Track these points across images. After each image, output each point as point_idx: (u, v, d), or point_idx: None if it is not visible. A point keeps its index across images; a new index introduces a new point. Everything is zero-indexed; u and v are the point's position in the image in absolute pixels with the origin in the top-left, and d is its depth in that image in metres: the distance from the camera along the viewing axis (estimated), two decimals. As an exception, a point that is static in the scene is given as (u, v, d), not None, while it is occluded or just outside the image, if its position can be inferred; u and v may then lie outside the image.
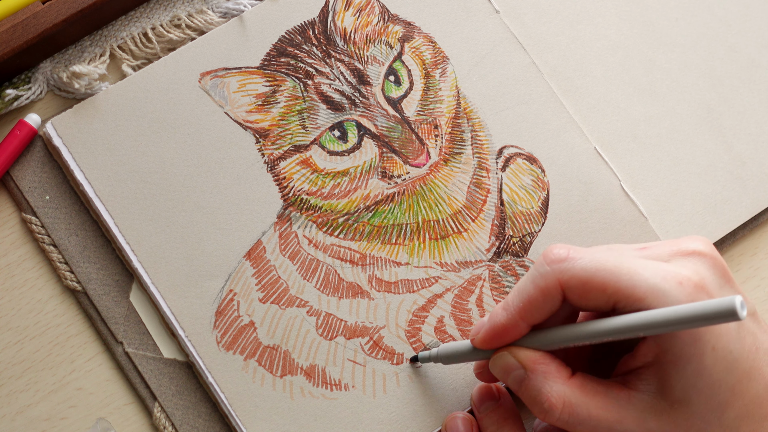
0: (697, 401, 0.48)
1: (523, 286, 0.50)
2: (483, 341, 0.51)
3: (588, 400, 0.48)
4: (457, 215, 0.59)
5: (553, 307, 0.50)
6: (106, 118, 0.59)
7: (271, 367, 0.56)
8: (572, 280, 0.49)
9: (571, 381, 0.49)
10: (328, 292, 0.57)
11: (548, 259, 0.50)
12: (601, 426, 0.48)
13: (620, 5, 0.64)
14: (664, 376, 0.48)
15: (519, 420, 0.54)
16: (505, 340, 0.51)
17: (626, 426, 0.48)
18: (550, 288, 0.49)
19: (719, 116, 0.63)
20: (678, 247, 0.50)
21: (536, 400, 0.49)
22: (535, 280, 0.50)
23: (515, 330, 0.50)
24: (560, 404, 0.48)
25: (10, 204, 0.59)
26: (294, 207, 0.58)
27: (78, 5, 0.57)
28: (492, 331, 0.51)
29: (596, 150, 0.61)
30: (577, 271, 0.49)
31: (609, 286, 0.48)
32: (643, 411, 0.48)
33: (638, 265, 0.48)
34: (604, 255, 0.49)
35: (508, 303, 0.51)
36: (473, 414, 0.56)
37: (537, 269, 0.50)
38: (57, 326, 0.57)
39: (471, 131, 0.60)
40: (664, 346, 0.48)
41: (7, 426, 0.55)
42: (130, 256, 0.57)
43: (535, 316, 0.50)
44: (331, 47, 0.60)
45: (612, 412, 0.48)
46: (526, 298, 0.50)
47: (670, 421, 0.48)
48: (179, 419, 0.56)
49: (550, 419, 0.49)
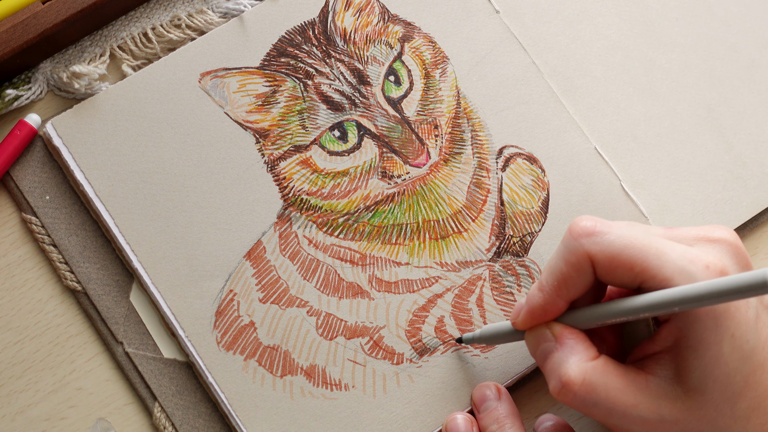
0: (712, 389, 0.48)
1: (554, 264, 0.50)
2: (524, 322, 0.52)
3: (607, 381, 0.48)
4: (457, 215, 0.59)
5: (587, 280, 0.50)
6: (106, 118, 0.59)
7: (271, 367, 0.56)
8: (600, 255, 0.49)
9: (595, 361, 0.49)
10: (328, 292, 0.57)
11: (575, 233, 0.50)
12: (617, 409, 0.48)
13: (620, 5, 0.64)
14: (682, 362, 0.48)
15: (519, 419, 0.54)
16: (545, 319, 0.51)
17: (641, 411, 0.48)
18: (581, 262, 0.49)
19: (719, 116, 0.63)
20: (704, 233, 0.51)
21: (557, 373, 0.49)
22: (565, 256, 0.50)
23: (554, 308, 0.51)
24: (579, 380, 0.48)
25: (10, 204, 0.59)
26: (294, 207, 0.58)
27: (78, 5, 0.57)
28: (531, 313, 0.51)
29: (596, 150, 0.61)
30: (605, 245, 0.49)
31: (636, 264, 0.48)
32: (658, 397, 0.49)
33: (666, 246, 0.49)
34: (632, 231, 0.49)
35: (542, 283, 0.51)
36: (473, 414, 0.56)
37: (565, 245, 0.50)
38: (57, 326, 0.57)
39: (471, 131, 0.60)
40: (686, 331, 0.48)
41: (7, 426, 0.55)
42: (130, 256, 0.57)
43: (570, 292, 0.50)
44: (331, 47, 0.60)
45: (629, 396, 0.48)
46: (559, 275, 0.50)
47: (684, 408, 0.48)
48: (179, 419, 0.56)
49: (567, 395, 0.49)
